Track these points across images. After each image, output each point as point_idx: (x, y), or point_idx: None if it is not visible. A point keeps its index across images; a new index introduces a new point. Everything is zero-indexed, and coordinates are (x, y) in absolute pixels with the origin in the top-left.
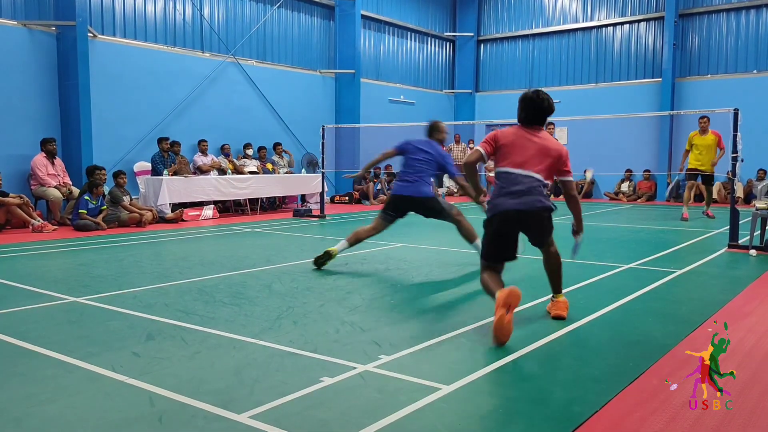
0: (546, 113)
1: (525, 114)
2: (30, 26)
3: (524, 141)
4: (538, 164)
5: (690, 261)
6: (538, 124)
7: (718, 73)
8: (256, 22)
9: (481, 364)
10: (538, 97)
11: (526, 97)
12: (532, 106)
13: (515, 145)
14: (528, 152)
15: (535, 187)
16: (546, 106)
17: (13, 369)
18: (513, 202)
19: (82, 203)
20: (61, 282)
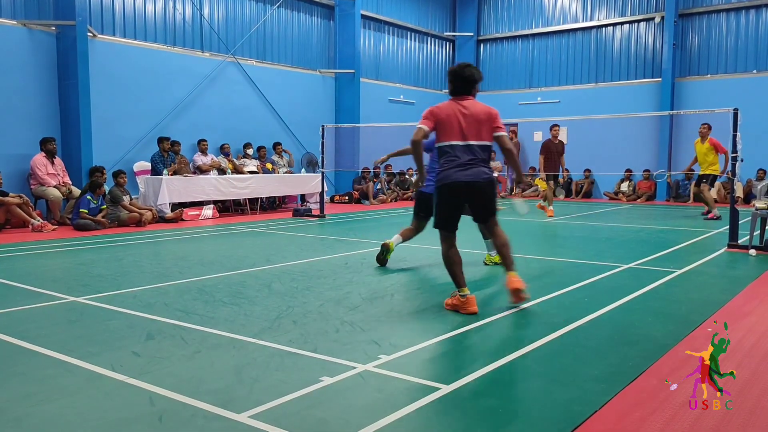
0: (472, 82)
1: (454, 86)
2: (30, 26)
3: (458, 113)
4: (476, 132)
5: (690, 261)
6: (466, 94)
7: (717, 72)
8: (256, 22)
9: (480, 363)
10: (462, 68)
11: (453, 70)
12: (460, 77)
13: (452, 118)
14: (465, 123)
15: (481, 158)
16: (469, 74)
17: (13, 368)
18: (461, 174)
19: (83, 203)
20: (61, 281)
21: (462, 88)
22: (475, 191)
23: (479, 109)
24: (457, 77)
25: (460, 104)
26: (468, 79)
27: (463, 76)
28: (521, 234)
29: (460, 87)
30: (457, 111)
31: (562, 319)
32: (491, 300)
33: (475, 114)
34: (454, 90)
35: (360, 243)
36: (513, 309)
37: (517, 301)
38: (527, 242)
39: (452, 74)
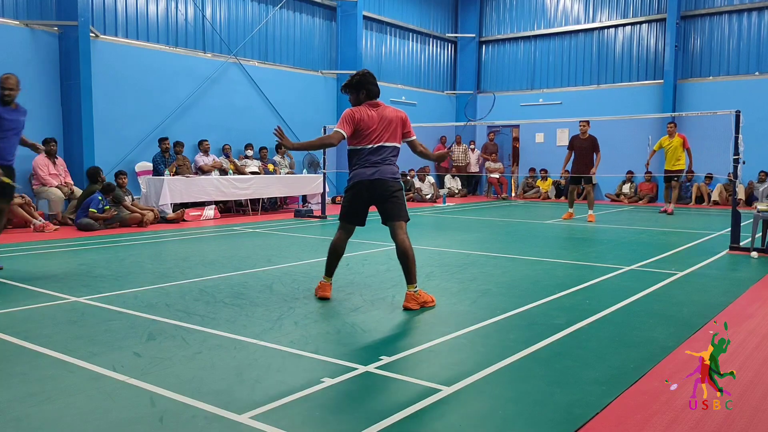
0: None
1: (367, 92)
2: (32, 26)
3: (372, 117)
4: (387, 134)
5: (691, 263)
6: (377, 99)
7: (720, 74)
8: (258, 23)
9: (481, 365)
10: (371, 74)
11: (365, 75)
12: (372, 82)
13: (366, 122)
14: (378, 126)
15: (390, 159)
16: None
17: (14, 368)
18: (368, 173)
19: (93, 202)
20: (63, 282)
21: (375, 94)
22: (378, 187)
23: (392, 114)
24: (372, 81)
25: (374, 109)
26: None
27: (376, 83)
28: (522, 236)
29: (374, 92)
30: (371, 116)
31: (563, 321)
32: (491, 301)
33: (389, 119)
34: (367, 95)
35: (361, 244)
36: (514, 311)
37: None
38: (530, 243)
39: (367, 78)
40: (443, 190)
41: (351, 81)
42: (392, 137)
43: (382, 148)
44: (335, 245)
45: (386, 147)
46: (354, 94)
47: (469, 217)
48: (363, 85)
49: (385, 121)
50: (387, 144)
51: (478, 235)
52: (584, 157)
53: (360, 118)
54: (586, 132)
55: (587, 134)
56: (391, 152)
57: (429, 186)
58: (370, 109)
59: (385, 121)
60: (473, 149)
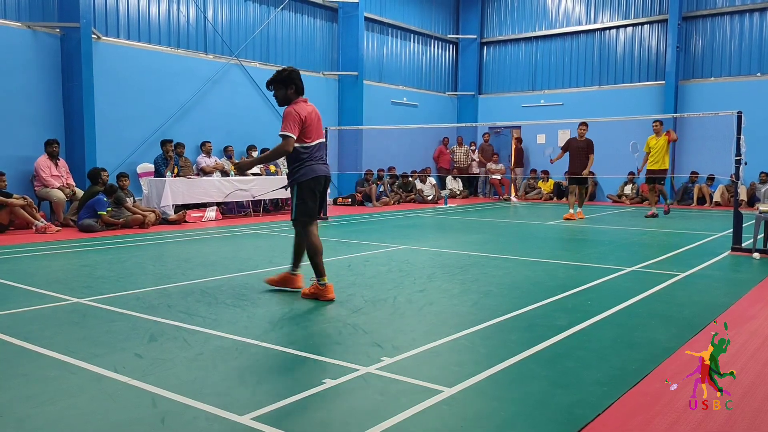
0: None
1: (296, 87)
2: (34, 28)
3: (313, 114)
4: (321, 131)
5: (693, 264)
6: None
7: (721, 75)
8: (260, 24)
9: (483, 366)
10: (297, 70)
11: (293, 71)
12: (300, 78)
13: (311, 119)
14: (317, 122)
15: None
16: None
17: (16, 369)
18: (324, 168)
19: (99, 204)
20: (64, 283)
21: (303, 89)
22: (327, 183)
23: (317, 110)
24: (299, 76)
25: (309, 104)
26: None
27: (300, 78)
28: (524, 237)
29: (302, 87)
30: (312, 112)
31: (564, 322)
32: (493, 303)
33: (319, 115)
34: (297, 90)
35: (363, 245)
36: (515, 312)
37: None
38: (531, 244)
39: (295, 74)
40: (444, 191)
41: (279, 76)
42: (322, 134)
43: (322, 144)
44: (317, 246)
45: (324, 143)
46: (282, 89)
47: (470, 218)
48: (292, 81)
49: (318, 118)
50: (323, 140)
51: (479, 237)
52: (579, 158)
53: (305, 117)
54: (584, 134)
55: (584, 136)
56: (324, 147)
57: (430, 187)
58: (306, 105)
59: (318, 117)
60: (474, 150)
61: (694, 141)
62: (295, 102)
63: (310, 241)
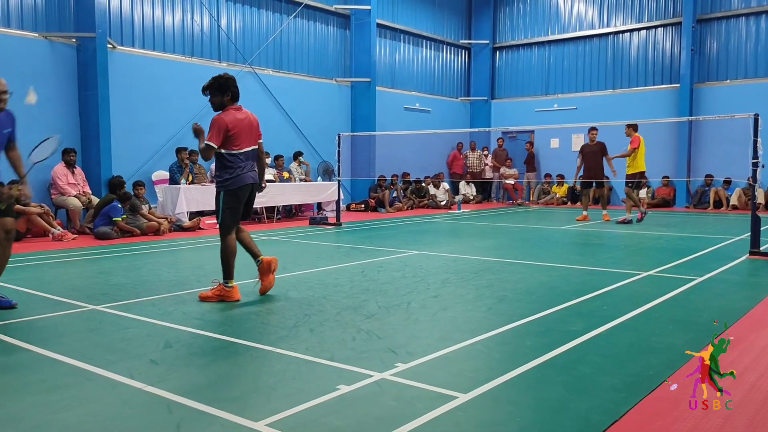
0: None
1: (231, 94)
2: (51, 38)
3: (244, 121)
4: (253, 138)
5: (710, 268)
6: (238, 101)
7: (737, 78)
8: (273, 32)
9: (498, 372)
10: (233, 77)
11: (230, 78)
12: (236, 85)
13: (240, 127)
14: (248, 130)
15: (254, 162)
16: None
17: (34, 376)
18: (250, 176)
19: (113, 211)
20: (81, 290)
21: (238, 96)
22: (253, 189)
23: (254, 117)
24: (235, 84)
25: (241, 112)
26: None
27: (236, 85)
28: (538, 242)
29: (237, 95)
30: (241, 121)
31: (580, 328)
32: (507, 308)
33: (252, 122)
34: (233, 97)
35: (376, 251)
36: (530, 317)
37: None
38: (546, 249)
39: (232, 82)
40: (458, 196)
41: (215, 83)
42: (255, 141)
43: (252, 152)
44: (233, 248)
45: (254, 150)
46: (218, 96)
47: (484, 223)
48: (228, 88)
49: (249, 126)
50: (254, 148)
51: (493, 242)
52: (594, 162)
53: (231, 125)
54: (595, 138)
55: (596, 140)
56: (254, 155)
57: (444, 192)
58: (235, 113)
59: (249, 125)
60: (487, 155)
61: (710, 144)
62: (226, 110)
63: (227, 244)
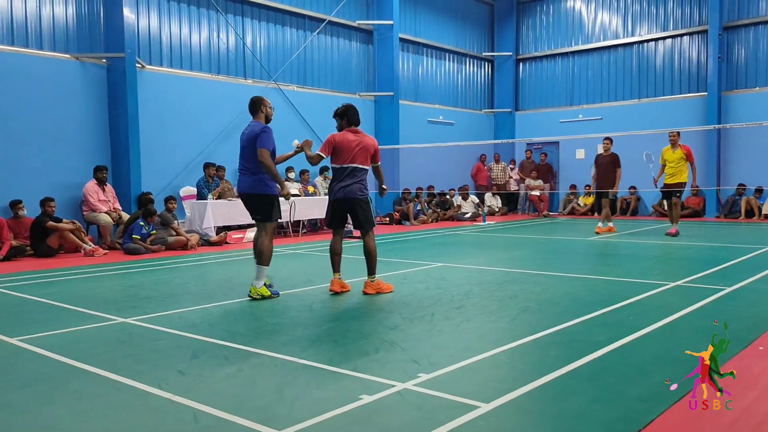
0: (357, 116)
1: (348, 119)
2: (82, 59)
3: (350, 141)
4: (360, 157)
5: (740, 278)
6: (357, 126)
7: (766, 85)
8: (297, 49)
9: (521, 382)
10: (353, 106)
11: (348, 107)
12: (353, 112)
13: (344, 145)
14: (353, 150)
15: (359, 179)
16: (355, 109)
17: (67, 386)
18: (341, 191)
19: (136, 228)
20: (111, 303)
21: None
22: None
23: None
24: (353, 111)
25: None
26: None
27: (357, 112)
28: (563, 253)
29: (354, 120)
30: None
31: (605, 338)
32: (531, 319)
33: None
34: (348, 122)
35: (401, 263)
36: (554, 328)
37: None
38: (571, 260)
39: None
40: (484, 208)
41: (336, 110)
42: (363, 161)
43: (353, 169)
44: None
45: (356, 168)
46: (338, 120)
47: (509, 235)
48: (345, 114)
49: (359, 146)
50: (358, 166)
51: (518, 253)
52: (606, 173)
53: (336, 141)
54: (609, 149)
55: (609, 151)
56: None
57: (471, 205)
58: (348, 134)
59: (359, 146)
60: (512, 168)
61: (740, 152)
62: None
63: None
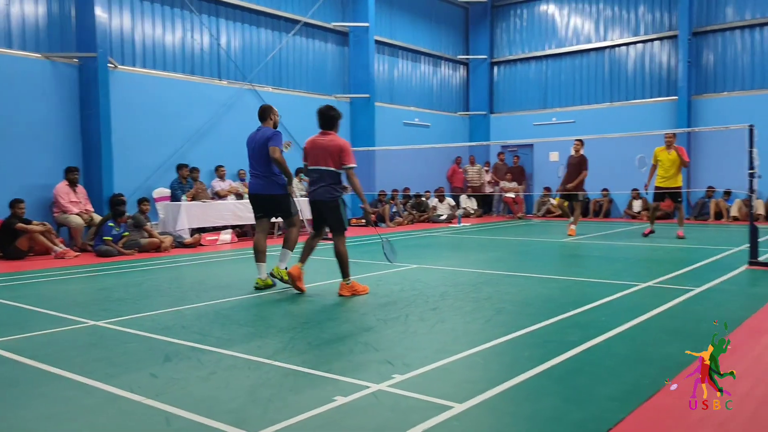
0: (329, 120)
1: (318, 122)
2: (53, 58)
3: (315, 144)
4: (324, 160)
5: (709, 279)
6: (327, 129)
7: (734, 90)
8: (272, 50)
9: (494, 382)
10: (325, 108)
11: (318, 110)
12: (320, 115)
13: (309, 147)
14: (317, 152)
15: (327, 182)
16: (325, 112)
17: (35, 390)
18: (312, 194)
19: (106, 229)
20: (82, 306)
21: (323, 124)
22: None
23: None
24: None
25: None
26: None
27: (324, 114)
28: (539, 253)
29: (321, 123)
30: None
31: (577, 338)
32: (506, 320)
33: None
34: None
35: (375, 265)
36: (528, 329)
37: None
38: (545, 262)
39: (317, 113)
40: (459, 210)
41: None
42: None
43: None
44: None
45: (324, 170)
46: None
47: (484, 236)
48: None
49: (324, 149)
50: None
51: (492, 255)
52: (571, 174)
53: (306, 144)
54: (579, 150)
55: (579, 153)
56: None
57: (446, 207)
58: (317, 136)
59: (324, 148)
60: (487, 170)
61: (709, 156)
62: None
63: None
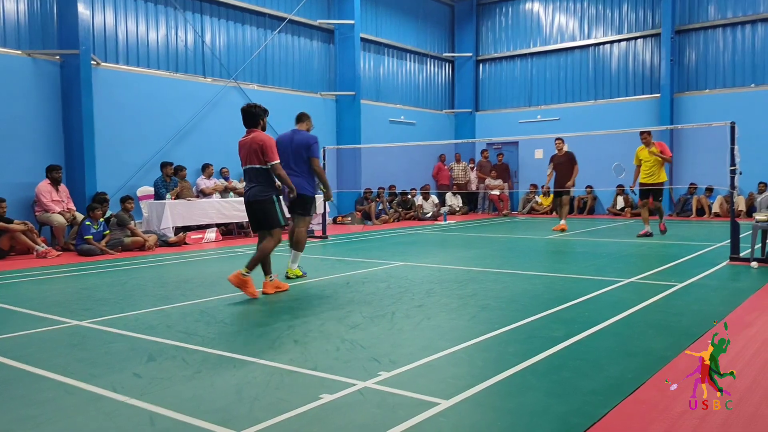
0: (251, 117)
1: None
2: (34, 55)
3: (242, 143)
4: (250, 159)
5: (691, 274)
6: (250, 127)
7: (716, 87)
8: (257, 47)
9: (480, 378)
10: (246, 106)
11: (241, 109)
12: (243, 114)
13: (241, 148)
14: (246, 151)
15: (258, 181)
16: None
17: (14, 391)
18: (246, 195)
19: (84, 229)
20: (64, 306)
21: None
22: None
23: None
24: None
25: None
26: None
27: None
28: (524, 250)
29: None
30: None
31: (561, 334)
32: (491, 316)
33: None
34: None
35: (362, 263)
36: (513, 325)
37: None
38: (530, 258)
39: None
40: (444, 207)
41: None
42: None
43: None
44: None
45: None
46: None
47: (469, 234)
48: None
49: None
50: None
51: (478, 252)
52: (562, 172)
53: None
54: (562, 149)
55: (563, 151)
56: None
57: (432, 204)
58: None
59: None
60: (472, 167)
61: (691, 153)
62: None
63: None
